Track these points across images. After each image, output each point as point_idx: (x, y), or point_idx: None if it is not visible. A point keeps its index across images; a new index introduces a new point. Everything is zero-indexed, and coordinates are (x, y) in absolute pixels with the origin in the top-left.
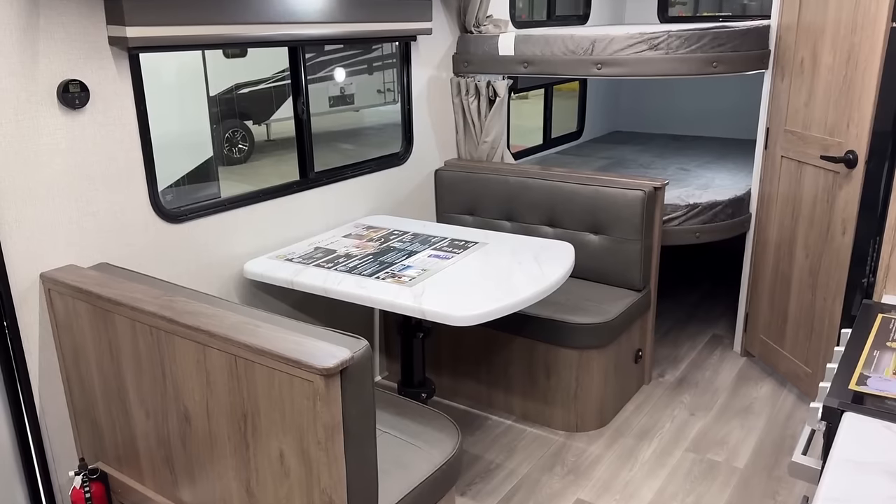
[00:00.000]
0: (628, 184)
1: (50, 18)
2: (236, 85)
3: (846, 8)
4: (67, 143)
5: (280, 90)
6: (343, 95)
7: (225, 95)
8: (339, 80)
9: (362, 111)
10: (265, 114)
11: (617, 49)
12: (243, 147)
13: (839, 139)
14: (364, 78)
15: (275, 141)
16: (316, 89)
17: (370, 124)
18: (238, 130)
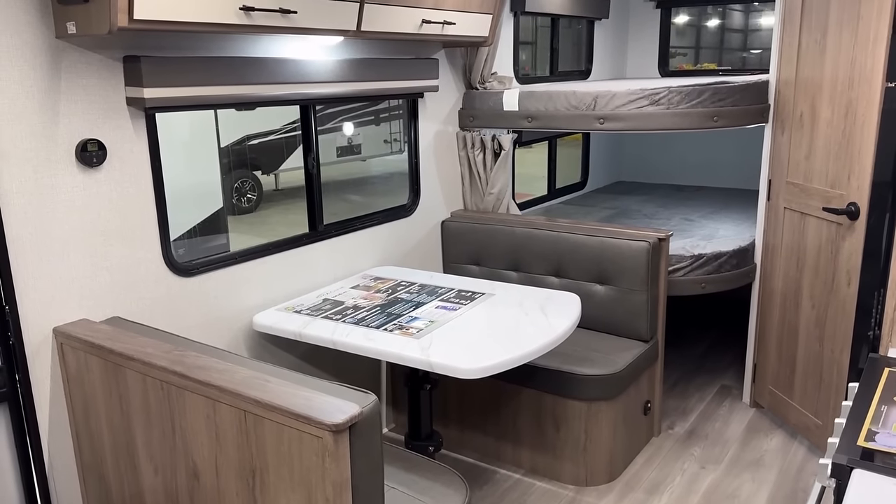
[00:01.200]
0: (633, 235)
1: (71, 81)
2: (246, 136)
3: (842, 65)
4: (84, 200)
5: (290, 141)
6: (350, 145)
7: (235, 146)
8: (348, 132)
9: (369, 161)
10: (274, 164)
11: (619, 105)
12: (252, 197)
13: (841, 191)
14: (371, 128)
15: (283, 190)
16: (324, 140)
17: (377, 173)
18: (247, 180)
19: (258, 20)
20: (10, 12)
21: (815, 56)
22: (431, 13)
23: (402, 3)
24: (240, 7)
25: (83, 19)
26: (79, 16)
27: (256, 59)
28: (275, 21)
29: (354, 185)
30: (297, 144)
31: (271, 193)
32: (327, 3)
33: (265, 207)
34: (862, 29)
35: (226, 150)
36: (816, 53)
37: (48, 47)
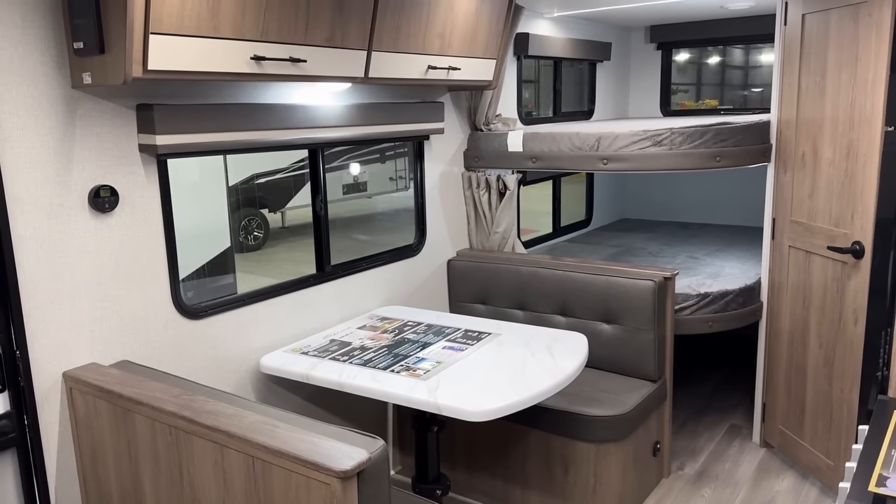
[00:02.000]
0: (639, 274)
1: (85, 129)
2: (254, 175)
3: (842, 106)
4: (96, 244)
5: (296, 179)
6: (356, 183)
7: (243, 185)
8: (354, 171)
9: (375, 198)
10: (281, 202)
11: (622, 146)
12: (258, 234)
13: (845, 230)
14: (377, 166)
15: (289, 228)
16: (330, 178)
17: (382, 210)
18: (254, 218)
19: (269, 69)
20: (28, 64)
21: (815, 97)
22: (437, 59)
23: (409, 51)
24: (251, 57)
25: (99, 70)
26: (95, 67)
27: (266, 106)
28: (285, 69)
29: (361, 222)
30: (303, 182)
31: (278, 231)
32: (336, 51)
33: (271, 245)
34: (860, 71)
35: (234, 189)
36: (816, 94)
37: (64, 97)
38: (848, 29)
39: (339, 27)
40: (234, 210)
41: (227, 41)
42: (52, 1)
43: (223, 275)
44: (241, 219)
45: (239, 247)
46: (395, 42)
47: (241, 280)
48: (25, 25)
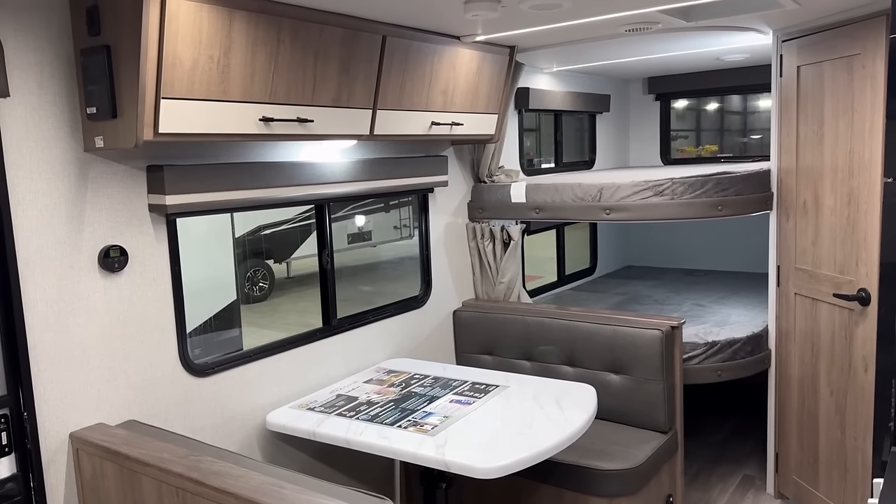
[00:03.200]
0: (646, 323)
1: (96, 191)
2: (260, 226)
3: (841, 155)
4: (105, 305)
5: (302, 230)
6: (361, 232)
7: (249, 236)
8: (359, 222)
9: (379, 246)
10: (286, 252)
11: (623, 196)
12: (264, 285)
13: (850, 277)
14: (381, 215)
15: (294, 278)
16: (336, 227)
17: (387, 258)
18: (259, 269)
19: (277, 129)
20: (43, 129)
21: (814, 146)
22: (440, 115)
23: (413, 108)
24: (260, 118)
25: (111, 134)
26: (107, 131)
27: (274, 164)
28: (293, 129)
29: (366, 270)
30: (308, 233)
31: (283, 281)
32: (342, 111)
33: (277, 296)
34: (857, 121)
35: (240, 241)
36: (815, 143)
37: (76, 160)
38: (843, 80)
39: (346, 87)
40: (240, 261)
41: (236, 104)
42: (66, 68)
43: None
44: (246, 270)
45: (245, 298)
46: (400, 100)
47: (246, 332)
48: (41, 92)
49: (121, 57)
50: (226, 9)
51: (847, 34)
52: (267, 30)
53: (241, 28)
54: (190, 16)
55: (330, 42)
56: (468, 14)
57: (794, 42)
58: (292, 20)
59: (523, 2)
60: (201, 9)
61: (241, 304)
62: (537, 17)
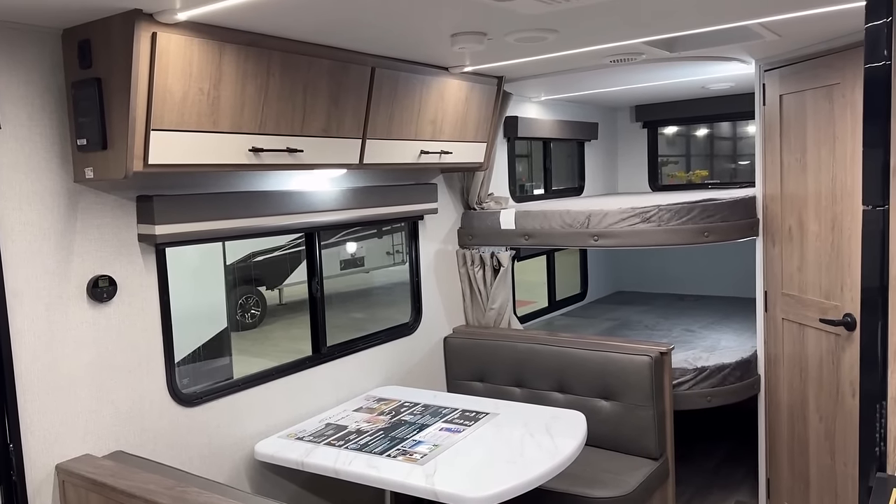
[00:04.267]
0: (635, 349)
1: (86, 221)
2: (252, 253)
3: (824, 182)
4: (93, 335)
5: (294, 256)
6: (353, 258)
7: (241, 263)
8: (352, 247)
9: (372, 272)
10: (278, 279)
11: (611, 223)
12: (256, 312)
13: (836, 302)
14: (374, 241)
15: (286, 305)
16: (328, 253)
17: (380, 284)
18: (251, 296)
19: (267, 159)
20: (33, 161)
21: (798, 173)
22: (429, 144)
23: (402, 137)
24: (249, 148)
25: (101, 165)
26: (97, 162)
27: (263, 193)
28: (282, 159)
29: (359, 296)
30: (300, 260)
31: (275, 308)
32: (332, 141)
33: (268, 322)
34: (839, 148)
35: (231, 268)
36: (798, 170)
37: (66, 191)
38: (824, 109)
39: (335, 118)
40: (231, 288)
41: (226, 135)
42: (57, 101)
43: (219, 357)
44: (238, 297)
45: (236, 325)
46: (389, 130)
47: (237, 360)
48: (32, 125)
49: (111, 89)
50: (216, 42)
51: (827, 64)
52: (257, 62)
53: (231, 61)
54: (180, 49)
55: (319, 74)
56: (455, 47)
57: (776, 71)
58: (282, 53)
59: (509, 34)
60: (192, 43)
61: (233, 331)
62: (523, 49)
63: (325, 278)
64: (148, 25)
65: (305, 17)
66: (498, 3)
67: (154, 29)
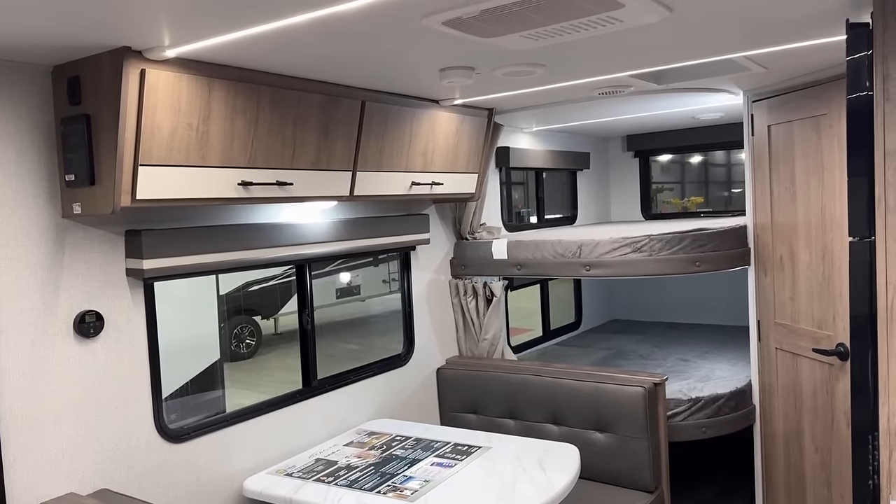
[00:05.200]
0: (628, 380)
1: (73, 256)
2: (247, 283)
3: (813, 211)
4: (79, 371)
5: (289, 286)
6: (349, 287)
7: (235, 293)
8: (345, 279)
9: (368, 301)
10: (274, 308)
11: (602, 252)
12: (251, 342)
13: (828, 332)
14: (370, 270)
15: (282, 334)
16: (324, 282)
17: (377, 312)
18: (246, 326)
19: (256, 193)
20: (21, 196)
21: (788, 202)
22: (420, 176)
23: (392, 169)
24: (238, 182)
25: (89, 201)
26: (85, 198)
27: (253, 226)
28: (272, 193)
29: (355, 325)
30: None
31: (270, 338)
32: (322, 173)
33: (263, 352)
34: (827, 178)
35: (225, 298)
36: (788, 200)
37: (54, 226)
38: (812, 139)
39: (325, 151)
40: (226, 318)
41: (215, 169)
42: (46, 137)
43: (211, 390)
44: (233, 327)
45: (231, 355)
46: (379, 162)
47: (231, 391)
48: (20, 161)
49: (100, 126)
50: (205, 78)
51: (813, 95)
52: (246, 97)
53: (220, 96)
54: (169, 86)
55: (309, 108)
56: (444, 81)
57: (764, 102)
58: (271, 88)
59: (497, 69)
60: (181, 79)
61: (228, 361)
62: (512, 83)
63: (320, 307)
64: (137, 62)
65: (295, 54)
66: (484, 39)
67: (143, 66)
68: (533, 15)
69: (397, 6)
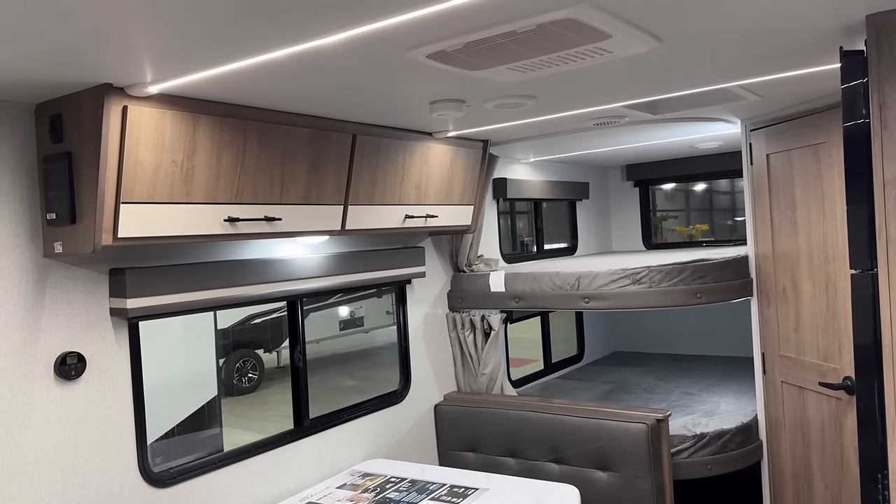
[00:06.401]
0: (630, 416)
1: (55, 296)
2: (250, 315)
3: (815, 241)
4: (59, 415)
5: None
6: (353, 318)
7: (238, 327)
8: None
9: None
10: (277, 341)
11: (601, 284)
12: (253, 376)
13: (834, 365)
14: (373, 301)
15: (284, 367)
16: (327, 314)
17: (381, 343)
18: (249, 360)
19: (243, 229)
20: (1, 236)
21: (789, 231)
22: (414, 209)
23: (385, 203)
24: (225, 219)
25: (70, 239)
26: (66, 236)
27: (242, 262)
28: (260, 228)
29: (358, 357)
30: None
31: (273, 371)
32: (312, 208)
33: (266, 386)
34: (828, 207)
35: (228, 332)
36: (789, 229)
37: (35, 266)
38: (811, 168)
39: (315, 185)
40: (228, 352)
41: (200, 205)
42: (28, 175)
43: (208, 427)
44: (235, 361)
45: (233, 390)
46: (372, 195)
47: (232, 426)
48: (1, 200)
49: (82, 163)
50: (190, 114)
51: (811, 123)
52: (233, 133)
53: (205, 132)
54: (152, 122)
55: (298, 142)
56: (434, 114)
57: (762, 131)
58: (259, 122)
59: (488, 101)
60: (164, 115)
61: (229, 396)
62: (504, 115)
63: (323, 339)
64: (119, 99)
65: (281, 89)
66: (471, 72)
67: (125, 102)
68: (519, 47)
69: (380, 40)
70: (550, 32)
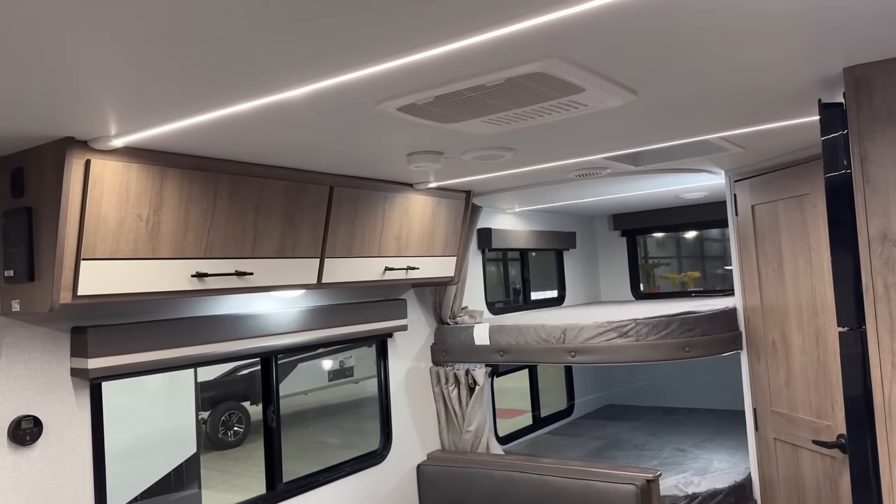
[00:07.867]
0: (620, 476)
1: (12, 357)
2: (235, 367)
3: (803, 293)
4: (12, 483)
5: (282, 368)
6: (342, 368)
7: (224, 378)
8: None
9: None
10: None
11: (588, 337)
12: (239, 429)
13: (828, 422)
14: (363, 350)
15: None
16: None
17: (371, 394)
18: (235, 413)
19: (212, 284)
20: None
21: (776, 283)
22: (395, 261)
23: (364, 255)
24: (192, 274)
25: (27, 297)
26: (24, 294)
27: (212, 318)
28: (230, 283)
29: (348, 408)
30: (288, 371)
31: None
32: (286, 261)
33: (252, 440)
34: (815, 259)
35: (212, 384)
36: (777, 281)
37: None
38: (797, 219)
39: (290, 238)
40: (213, 405)
41: (166, 261)
42: None
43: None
44: (220, 414)
45: (218, 444)
46: (350, 248)
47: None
48: None
49: (42, 219)
50: (157, 167)
51: (795, 175)
52: (203, 186)
53: (173, 186)
54: (116, 176)
55: (273, 195)
56: (411, 166)
57: (746, 182)
58: (231, 175)
59: (465, 153)
60: (129, 168)
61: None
62: (483, 166)
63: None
64: (81, 153)
65: (252, 141)
66: (446, 125)
67: (88, 156)
68: (491, 100)
69: (346, 94)
70: (521, 86)
